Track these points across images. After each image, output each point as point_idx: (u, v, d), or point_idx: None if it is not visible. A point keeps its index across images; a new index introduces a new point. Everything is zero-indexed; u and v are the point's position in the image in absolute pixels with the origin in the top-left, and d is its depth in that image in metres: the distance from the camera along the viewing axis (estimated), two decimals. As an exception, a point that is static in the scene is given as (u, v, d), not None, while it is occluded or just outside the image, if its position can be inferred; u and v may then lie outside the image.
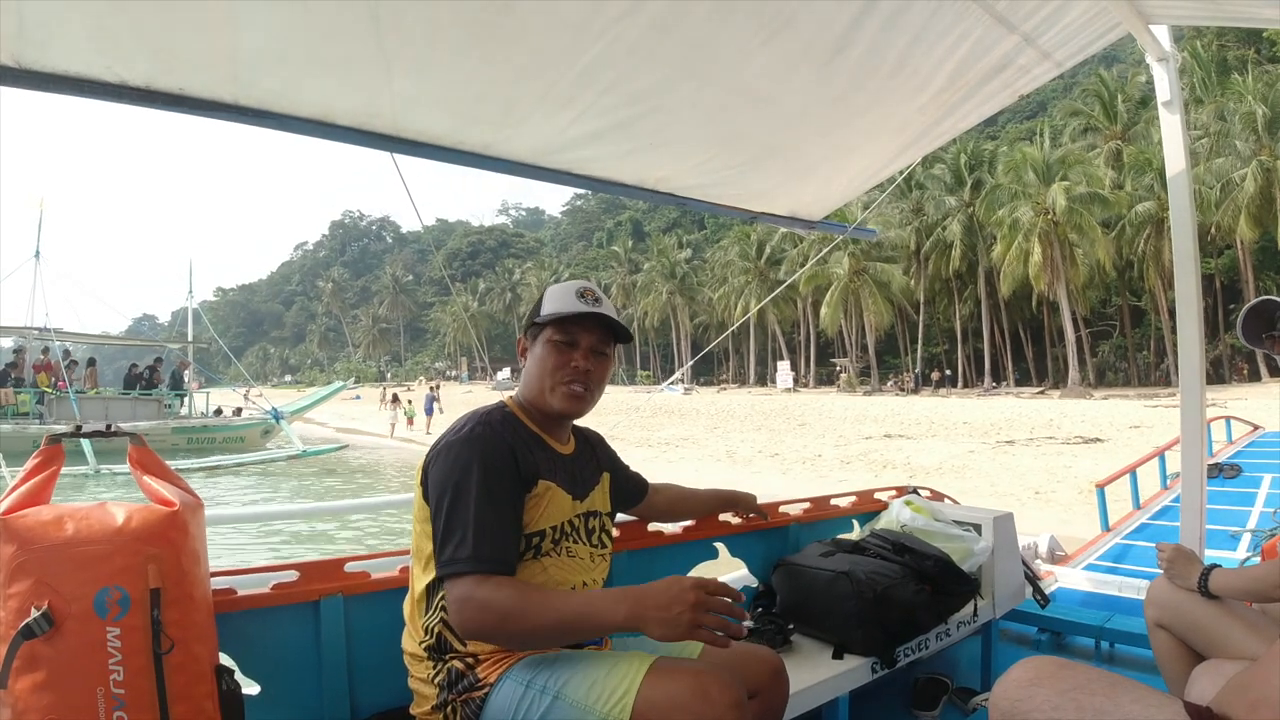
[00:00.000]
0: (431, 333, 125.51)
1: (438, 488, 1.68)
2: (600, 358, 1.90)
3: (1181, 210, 3.22)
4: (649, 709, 1.52)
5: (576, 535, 1.89)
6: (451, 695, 1.68)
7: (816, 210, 3.97)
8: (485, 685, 1.66)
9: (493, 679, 1.66)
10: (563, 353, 1.86)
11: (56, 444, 1.63)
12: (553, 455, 1.88)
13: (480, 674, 1.68)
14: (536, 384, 1.88)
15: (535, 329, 1.90)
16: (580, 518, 1.91)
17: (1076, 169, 45.12)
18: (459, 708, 1.67)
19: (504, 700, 1.62)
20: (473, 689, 1.66)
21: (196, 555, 1.59)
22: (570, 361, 1.86)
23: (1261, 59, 43.02)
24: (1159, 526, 6.05)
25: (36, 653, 1.37)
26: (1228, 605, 2.11)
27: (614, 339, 1.93)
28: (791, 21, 2.42)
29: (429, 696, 1.72)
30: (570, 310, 1.85)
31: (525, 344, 1.93)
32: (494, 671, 1.67)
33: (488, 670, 1.68)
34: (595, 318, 1.86)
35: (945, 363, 57.98)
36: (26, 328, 23.21)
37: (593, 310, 1.86)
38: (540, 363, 1.87)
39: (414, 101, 2.43)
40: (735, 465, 19.66)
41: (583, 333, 1.88)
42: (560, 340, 1.87)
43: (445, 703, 1.68)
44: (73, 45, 1.88)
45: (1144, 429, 21.17)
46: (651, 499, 2.36)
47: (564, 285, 1.92)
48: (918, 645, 2.59)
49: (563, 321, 1.86)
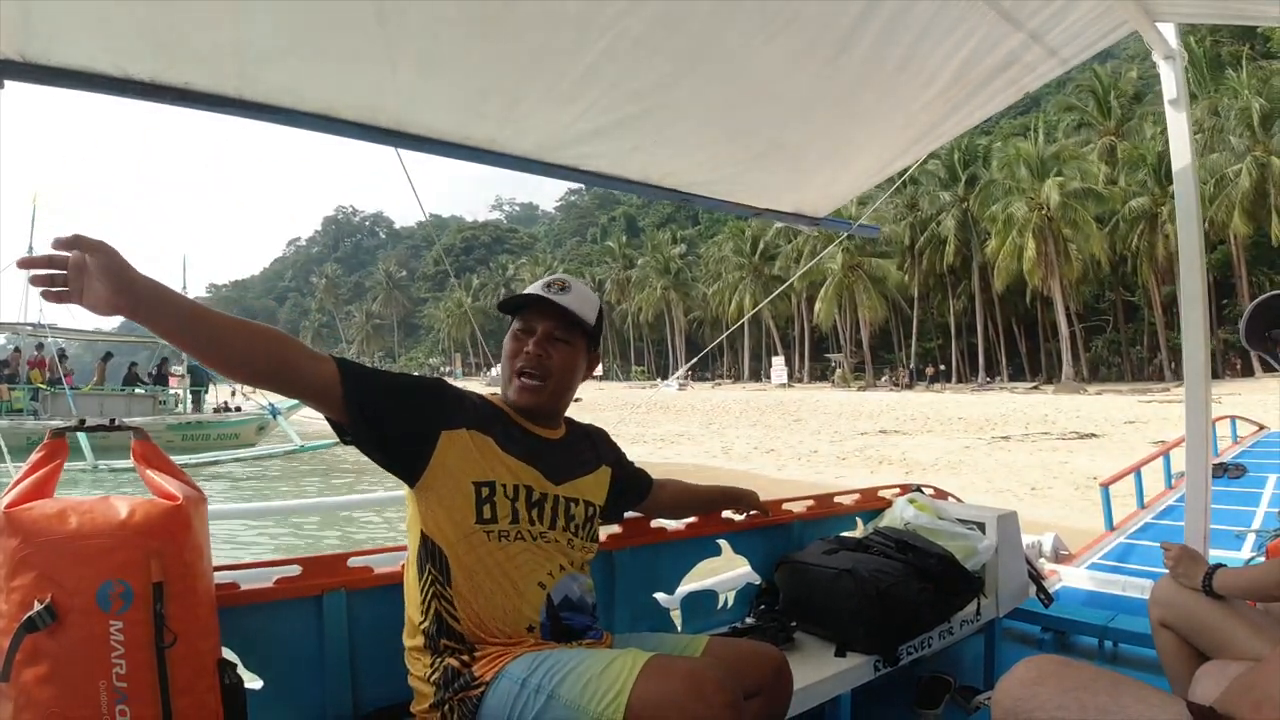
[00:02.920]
0: (425, 329, 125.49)
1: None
2: (559, 344, 1.88)
3: (1187, 207, 3.20)
4: (643, 707, 1.49)
5: (551, 516, 1.86)
6: (448, 694, 1.66)
7: (821, 207, 3.96)
8: (481, 684, 1.65)
9: (488, 677, 1.65)
10: (519, 340, 1.87)
11: (60, 437, 1.63)
12: (524, 433, 1.88)
13: (476, 672, 1.67)
14: (503, 378, 1.91)
15: (505, 314, 1.93)
16: (560, 500, 1.88)
17: (1071, 164, 45.29)
18: (455, 706, 1.66)
19: (500, 699, 1.61)
20: (469, 687, 1.65)
21: (199, 549, 1.58)
22: (524, 349, 1.86)
23: (1256, 55, 43.07)
24: (1163, 526, 6.03)
25: (39, 646, 1.37)
26: (1232, 605, 2.10)
27: (580, 328, 1.91)
28: (796, 18, 2.41)
29: (426, 694, 1.71)
30: (521, 295, 1.87)
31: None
32: (490, 669, 1.66)
33: (483, 668, 1.67)
34: (547, 303, 1.85)
35: (939, 358, 58.03)
36: (21, 323, 23.12)
37: (543, 295, 1.85)
38: (504, 355, 1.90)
39: (418, 97, 2.43)
40: (731, 461, 19.69)
41: (540, 319, 1.87)
42: (518, 329, 1.88)
43: (442, 701, 1.67)
44: (78, 39, 1.87)
45: (1139, 424, 21.22)
46: (656, 495, 2.34)
47: (543, 278, 1.92)
48: (921, 643, 2.59)
49: (519, 310, 1.88)
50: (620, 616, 2.48)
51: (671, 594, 2.73)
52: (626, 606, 2.52)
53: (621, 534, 2.54)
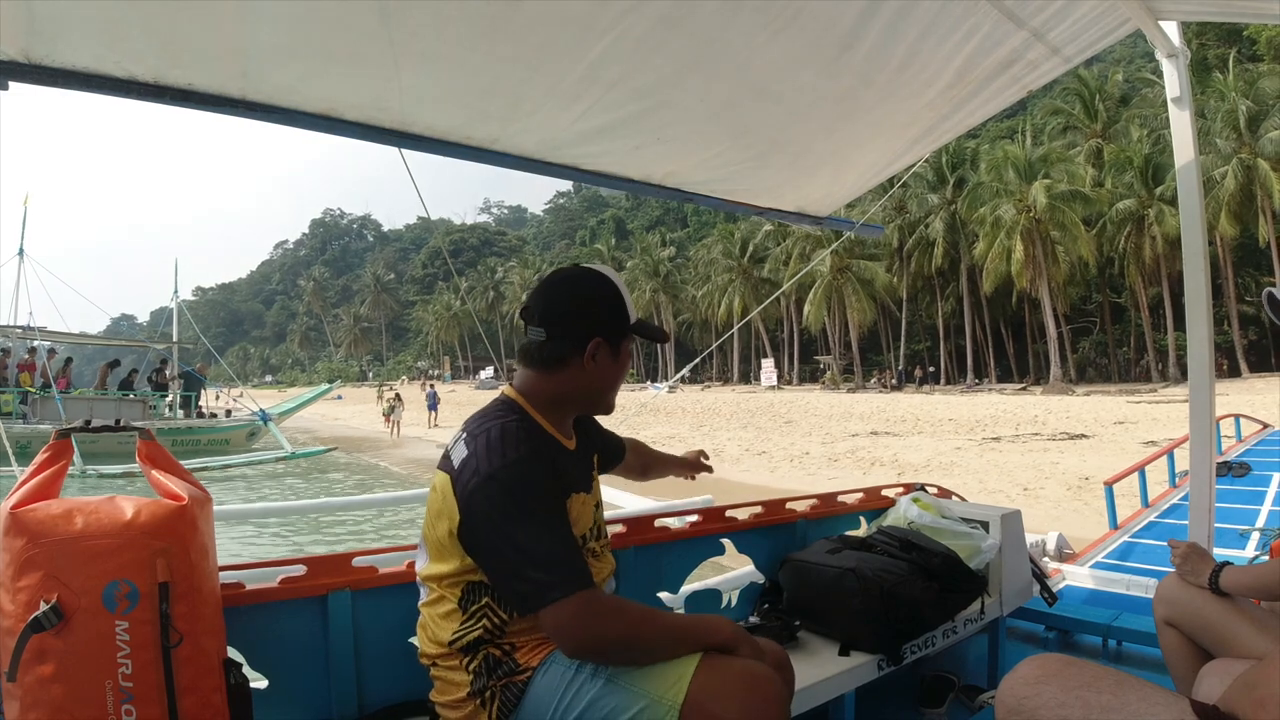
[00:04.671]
0: (414, 332, 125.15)
1: (497, 518, 1.58)
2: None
3: (1191, 203, 3.21)
4: (702, 693, 1.54)
5: (594, 533, 1.87)
6: (491, 681, 1.64)
7: (824, 206, 3.97)
8: (527, 669, 1.65)
9: (535, 663, 1.65)
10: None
11: (66, 438, 1.65)
12: (568, 456, 1.83)
13: (520, 659, 1.66)
14: (602, 388, 1.83)
15: (619, 335, 1.80)
16: (597, 508, 1.90)
17: (1058, 167, 45.55)
18: (498, 692, 1.63)
19: (551, 681, 1.62)
20: (514, 674, 1.64)
21: (205, 549, 1.59)
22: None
23: (1243, 58, 43.40)
24: (1167, 525, 6.06)
25: (45, 646, 1.38)
26: (1237, 604, 2.11)
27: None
28: (799, 16, 2.41)
29: (460, 684, 1.67)
30: (654, 329, 1.88)
31: (599, 344, 1.76)
32: (535, 656, 1.66)
33: (527, 656, 1.66)
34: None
35: (928, 360, 58.26)
36: (10, 326, 22.99)
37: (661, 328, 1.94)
38: (620, 369, 1.83)
39: (422, 96, 2.41)
40: (723, 463, 19.61)
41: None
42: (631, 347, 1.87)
43: (483, 689, 1.64)
44: (82, 40, 1.86)
45: (1129, 425, 21.31)
46: (629, 460, 2.28)
47: (623, 287, 1.84)
48: (924, 642, 2.59)
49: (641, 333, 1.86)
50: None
51: (675, 593, 2.74)
52: None
53: (626, 533, 2.54)
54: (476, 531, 1.60)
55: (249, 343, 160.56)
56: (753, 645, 1.70)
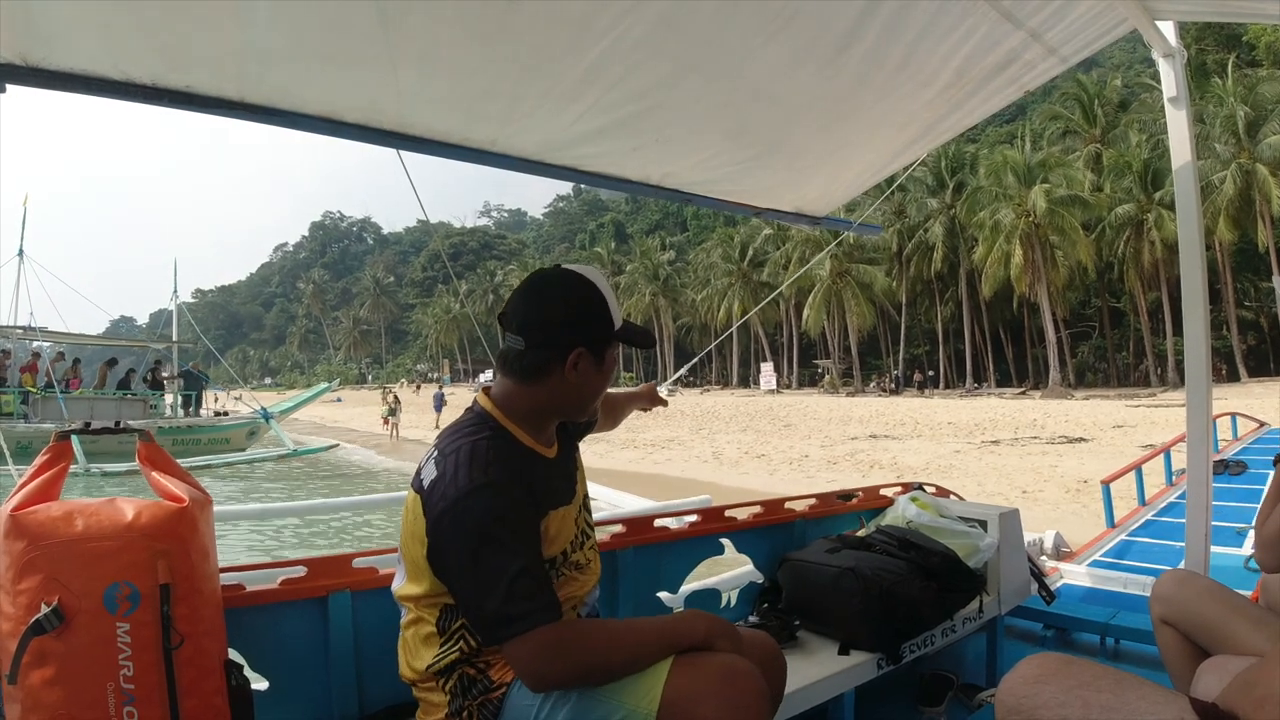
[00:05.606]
0: (413, 335, 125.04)
1: (461, 544, 1.52)
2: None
3: (1188, 204, 3.21)
4: (678, 697, 1.50)
5: (581, 538, 1.81)
6: (466, 701, 1.62)
7: (821, 206, 3.96)
8: (501, 685, 1.61)
9: (509, 679, 1.61)
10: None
11: (65, 440, 1.65)
12: (546, 466, 1.73)
13: (494, 676, 1.63)
14: (585, 398, 1.73)
15: (603, 343, 1.69)
16: (581, 515, 1.84)
17: (1057, 171, 45.63)
18: (475, 712, 1.61)
19: (524, 698, 1.58)
20: (489, 691, 1.62)
21: (205, 551, 1.59)
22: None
23: (1242, 63, 43.46)
24: (1164, 523, 6.08)
25: (46, 648, 1.37)
26: (1233, 602, 2.11)
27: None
28: (796, 17, 2.41)
29: (439, 704, 1.66)
30: (641, 333, 1.78)
31: (581, 354, 1.65)
32: (509, 672, 1.61)
33: (500, 673, 1.63)
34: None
35: (927, 364, 58.28)
36: (10, 327, 22.99)
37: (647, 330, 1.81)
38: (605, 377, 1.72)
39: (420, 98, 2.41)
40: (722, 466, 19.65)
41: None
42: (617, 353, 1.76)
43: (460, 709, 1.62)
44: (80, 43, 1.86)
45: (1127, 429, 21.28)
46: (600, 419, 2.17)
47: (608, 290, 1.71)
48: (923, 641, 2.59)
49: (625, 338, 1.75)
50: (624, 616, 2.47)
51: (675, 593, 2.73)
52: (630, 606, 2.52)
53: (625, 534, 2.54)
54: (444, 555, 1.55)
55: (248, 345, 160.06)
56: (731, 637, 1.65)
